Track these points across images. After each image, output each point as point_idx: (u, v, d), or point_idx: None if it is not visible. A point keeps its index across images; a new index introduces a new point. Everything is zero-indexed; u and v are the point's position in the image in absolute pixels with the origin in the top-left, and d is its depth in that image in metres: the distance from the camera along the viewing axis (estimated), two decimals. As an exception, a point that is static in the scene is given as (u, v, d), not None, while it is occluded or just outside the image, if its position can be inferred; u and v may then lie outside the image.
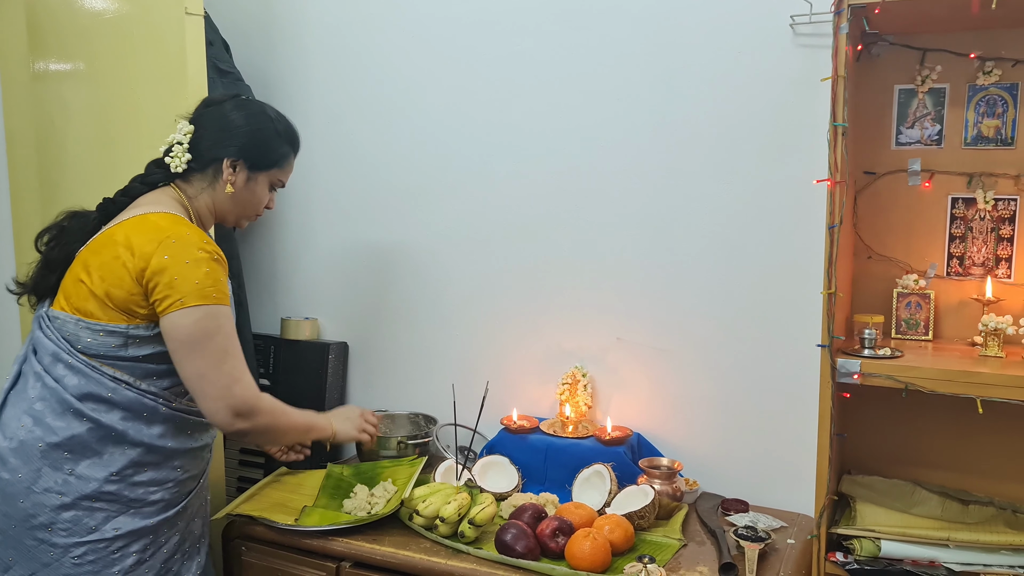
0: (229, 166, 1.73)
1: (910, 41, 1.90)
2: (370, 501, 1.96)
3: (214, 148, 1.73)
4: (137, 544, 1.63)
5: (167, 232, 1.60)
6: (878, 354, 1.74)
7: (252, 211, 1.83)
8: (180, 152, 1.72)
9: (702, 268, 2.12)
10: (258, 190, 1.80)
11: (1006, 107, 1.85)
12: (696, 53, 2.08)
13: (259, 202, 1.82)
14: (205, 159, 1.73)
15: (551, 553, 1.75)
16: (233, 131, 1.74)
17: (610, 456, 2.07)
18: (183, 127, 1.75)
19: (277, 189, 1.85)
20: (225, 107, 1.77)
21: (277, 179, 1.83)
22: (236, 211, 1.80)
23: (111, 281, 1.60)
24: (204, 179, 1.75)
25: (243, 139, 1.74)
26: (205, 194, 1.75)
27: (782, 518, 1.98)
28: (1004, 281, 1.88)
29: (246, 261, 2.65)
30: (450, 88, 2.38)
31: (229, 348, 1.62)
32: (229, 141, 1.73)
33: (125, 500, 1.62)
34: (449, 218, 2.42)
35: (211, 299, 1.59)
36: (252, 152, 1.75)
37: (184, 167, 1.73)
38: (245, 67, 2.53)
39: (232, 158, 1.73)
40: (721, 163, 2.08)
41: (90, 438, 1.60)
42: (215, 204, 1.77)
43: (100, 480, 1.60)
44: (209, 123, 1.75)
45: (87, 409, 1.59)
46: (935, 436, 1.94)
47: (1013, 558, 1.69)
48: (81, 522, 1.59)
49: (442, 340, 2.47)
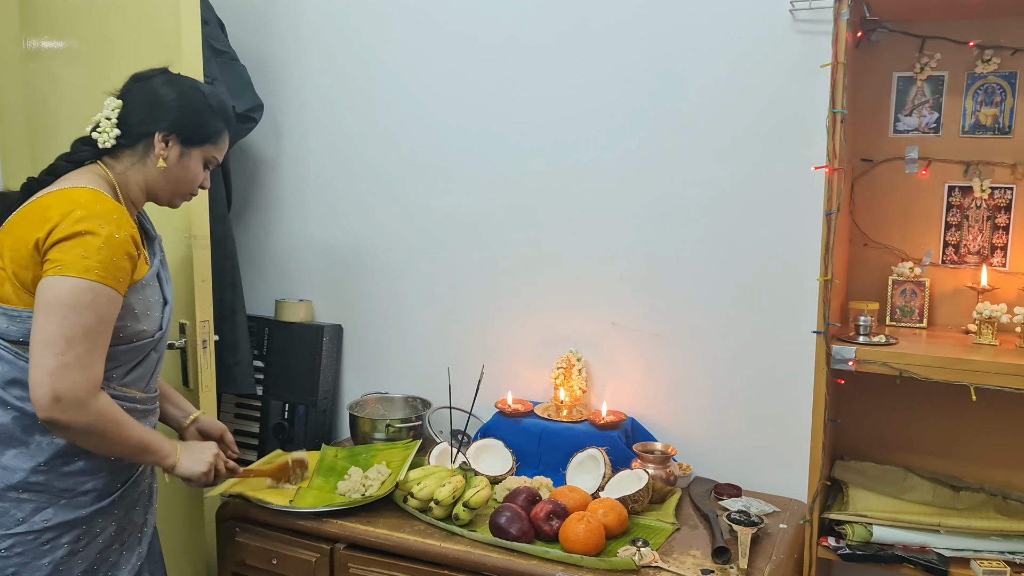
0: (161, 140, 1.64)
1: (909, 28, 1.90)
2: (364, 483, 1.96)
3: (145, 122, 1.65)
4: (68, 535, 1.56)
5: (77, 203, 1.51)
6: (873, 341, 1.75)
7: (186, 188, 1.73)
8: (108, 127, 1.64)
9: (698, 254, 2.12)
10: (192, 166, 1.70)
11: (1004, 95, 1.85)
12: (695, 39, 2.07)
13: (193, 179, 1.72)
14: (135, 134, 1.65)
15: (545, 536, 1.76)
16: (165, 105, 1.65)
17: (604, 440, 2.08)
18: (110, 103, 1.66)
19: (211, 168, 1.77)
20: (155, 82, 1.68)
21: (211, 156, 1.73)
22: (169, 188, 1.70)
23: (18, 262, 1.51)
24: (134, 155, 1.66)
25: (175, 113, 1.65)
26: (135, 170, 1.66)
27: (775, 503, 1.99)
28: (999, 269, 1.89)
29: (240, 242, 2.64)
30: (446, 73, 2.37)
31: (91, 331, 1.48)
32: (161, 115, 1.65)
33: (54, 491, 1.55)
34: (445, 202, 2.41)
35: (92, 274, 1.47)
36: (185, 126, 1.66)
37: (112, 142, 1.64)
38: (240, 47, 2.51)
39: (164, 132, 1.64)
40: (719, 149, 2.07)
41: (15, 427, 1.53)
42: (146, 181, 1.67)
43: (27, 471, 1.53)
44: (138, 97, 1.66)
45: (11, 397, 1.52)
46: (928, 423, 1.95)
47: (1003, 544, 1.71)
48: (8, 514, 1.52)
49: (437, 324, 2.47)
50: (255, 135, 2.56)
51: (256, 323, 2.61)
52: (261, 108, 2.46)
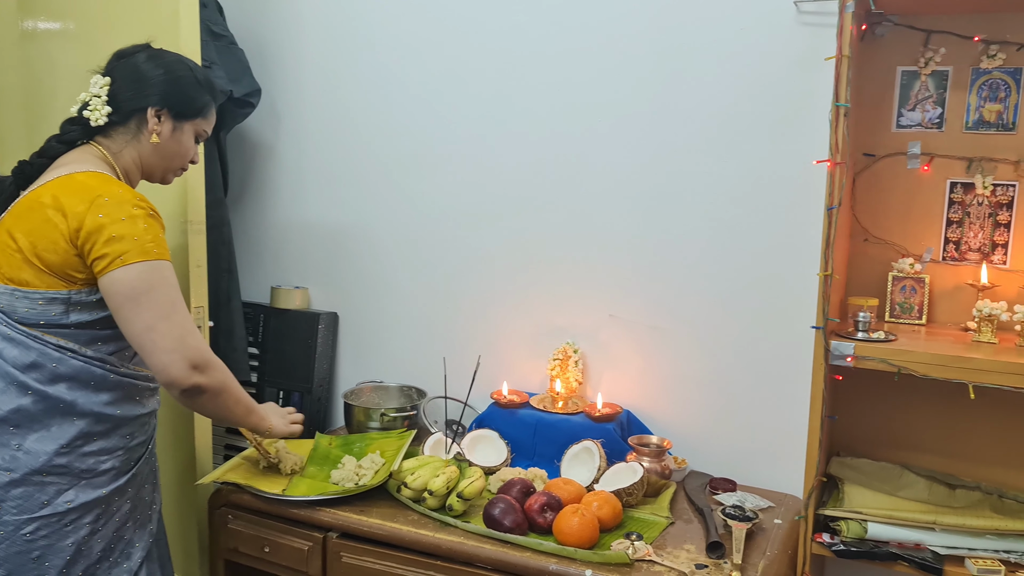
0: (154, 115, 1.66)
1: (914, 22, 1.88)
2: (358, 472, 1.96)
3: (135, 98, 1.66)
4: (90, 515, 1.59)
5: (97, 191, 1.54)
6: (872, 337, 1.74)
7: (179, 163, 1.75)
8: (99, 105, 1.64)
9: (697, 246, 2.11)
10: (184, 140, 1.73)
11: (1009, 91, 1.84)
12: (699, 31, 2.05)
13: (186, 153, 1.75)
14: (126, 110, 1.66)
15: (539, 528, 1.75)
16: (153, 80, 1.66)
17: (599, 432, 2.07)
18: (97, 80, 1.66)
19: (200, 141, 1.79)
20: (139, 58, 1.69)
21: (202, 129, 1.76)
22: (163, 164, 1.72)
23: (43, 246, 1.53)
24: (127, 132, 1.68)
25: (164, 87, 1.67)
26: (130, 147, 1.68)
27: (770, 498, 1.98)
28: (1000, 267, 1.87)
29: (236, 228, 2.63)
30: (448, 58, 2.35)
31: (176, 301, 1.56)
32: (150, 90, 1.66)
33: (76, 472, 1.57)
34: (443, 190, 2.40)
35: (152, 254, 1.53)
36: (175, 100, 1.68)
37: (104, 120, 1.65)
38: (239, 31, 2.49)
39: (156, 107, 1.66)
40: (721, 142, 2.06)
41: (36, 411, 1.55)
42: (141, 157, 1.69)
43: (50, 453, 1.55)
44: (125, 74, 1.67)
45: (31, 381, 1.54)
46: (925, 420, 1.95)
47: (998, 543, 1.70)
48: (32, 497, 1.54)
49: (434, 313, 2.46)
50: (253, 120, 2.54)
51: (252, 310, 2.60)
52: (259, 93, 2.44)
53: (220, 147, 2.41)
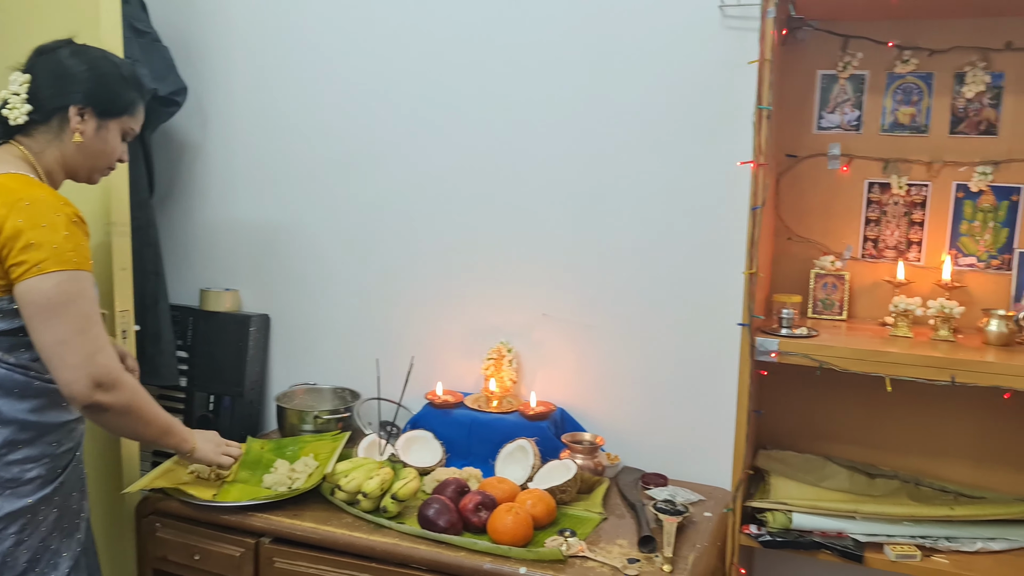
0: (76, 113, 1.61)
1: (833, 27, 1.94)
2: (291, 476, 1.93)
3: (57, 96, 1.60)
4: (15, 525, 1.54)
5: (18, 194, 1.48)
6: (795, 333, 1.79)
7: (105, 163, 1.69)
8: (18, 103, 1.58)
9: (628, 246, 2.14)
10: (110, 139, 1.67)
11: (921, 95, 1.91)
12: (626, 32, 2.08)
13: (112, 152, 1.69)
14: (48, 109, 1.60)
15: (473, 528, 1.76)
16: (76, 77, 1.61)
17: (534, 431, 2.08)
18: (17, 78, 1.60)
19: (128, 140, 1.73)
20: (61, 54, 1.63)
21: (128, 127, 1.71)
22: (88, 163, 1.66)
23: None
24: (48, 131, 1.62)
25: (88, 84, 1.61)
26: (52, 147, 1.62)
27: (700, 492, 2.02)
28: (915, 264, 1.95)
29: (163, 230, 2.57)
30: (378, 58, 2.33)
31: (92, 315, 1.51)
32: (73, 87, 1.60)
33: (0, 481, 1.53)
34: (376, 190, 2.38)
35: (71, 264, 1.48)
36: (100, 98, 1.63)
37: (24, 119, 1.59)
38: (163, 27, 2.43)
39: (79, 105, 1.61)
40: (649, 142, 2.09)
41: None
42: (64, 157, 1.63)
43: None
44: (47, 71, 1.61)
45: None
46: (846, 412, 2.01)
47: (915, 529, 1.77)
48: None
49: (367, 314, 2.44)
50: (179, 119, 2.49)
51: (180, 313, 2.54)
52: (185, 91, 2.39)
53: (145, 147, 2.35)
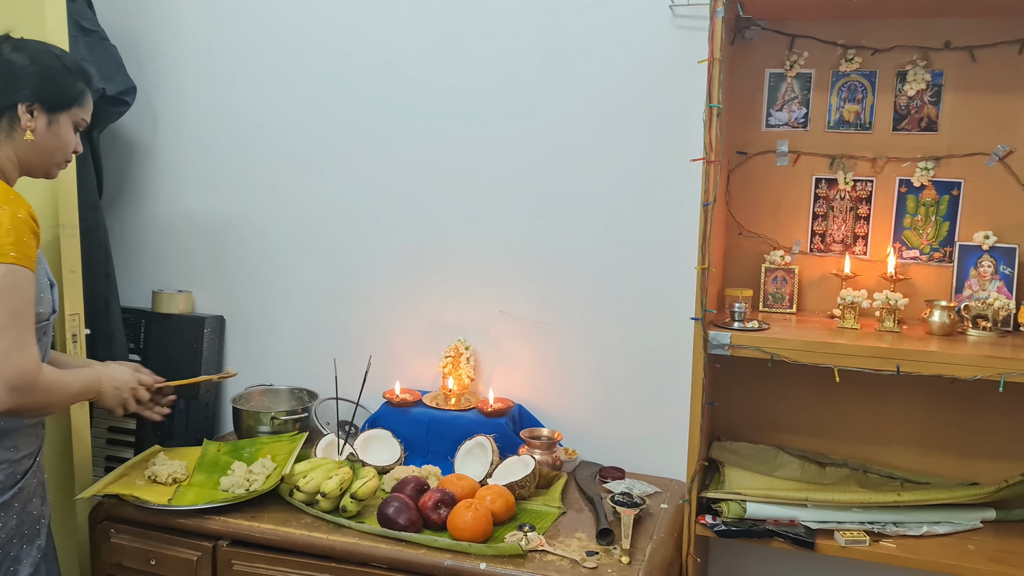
0: (26, 111, 1.58)
1: (780, 27, 1.98)
2: (249, 478, 1.92)
3: (4, 95, 1.58)
4: None
5: None
6: (747, 326, 1.83)
7: (60, 157, 1.68)
8: None
9: (582, 243, 2.16)
10: (63, 133, 1.65)
11: (865, 93, 1.96)
12: (578, 31, 2.10)
13: (66, 146, 1.67)
14: None
15: (433, 525, 1.77)
16: (19, 74, 1.58)
17: (492, 428, 2.10)
18: None
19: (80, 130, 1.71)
20: (3, 50, 1.60)
21: (79, 118, 1.69)
22: (43, 160, 1.65)
23: None
24: None
25: (34, 80, 1.59)
26: (4, 146, 1.60)
27: (656, 484, 2.05)
28: (860, 257, 2.00)
29: (113, 231, 2.52)
30: (332, 55, 2.32)
31: (19, 313, 1.47)
32: (19, 85, 1.58)
33: None
34: (330, 188, 2.37)
35: (8, 257, 1.45)
36: (47, 93, 1.60)
37: None
38: (111, 26, 2.39)
39: (27, 102, 1.59)
40: (603, 141, 2.11)
41: None
42: (18, 155, 1.61)
43: None
44: None
45: None
46: (797, 403, 2.06)
47: (863, 515, 1.82)
48: None
49: (323, 314, 2.43)
50: (128, 118, 2.45)
51: (132, 315, 2.50)
52: (134, 90, 2.36)
53: (93, 147, 2.31)
